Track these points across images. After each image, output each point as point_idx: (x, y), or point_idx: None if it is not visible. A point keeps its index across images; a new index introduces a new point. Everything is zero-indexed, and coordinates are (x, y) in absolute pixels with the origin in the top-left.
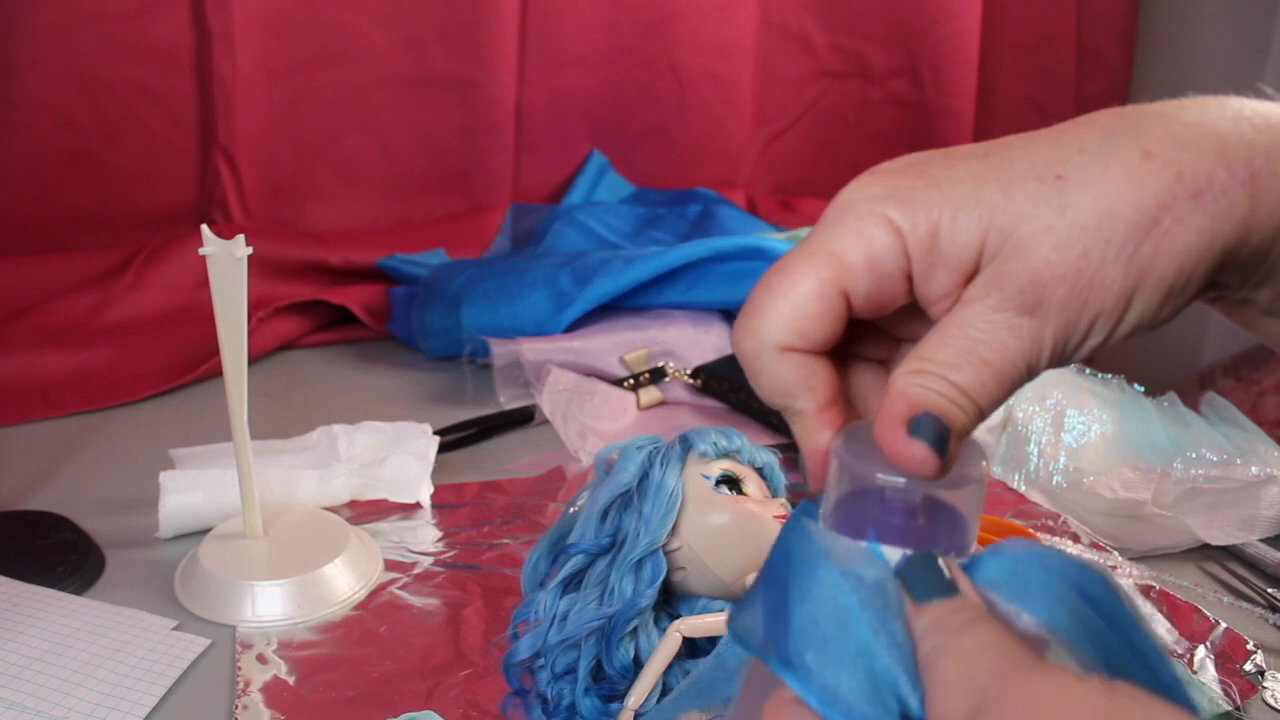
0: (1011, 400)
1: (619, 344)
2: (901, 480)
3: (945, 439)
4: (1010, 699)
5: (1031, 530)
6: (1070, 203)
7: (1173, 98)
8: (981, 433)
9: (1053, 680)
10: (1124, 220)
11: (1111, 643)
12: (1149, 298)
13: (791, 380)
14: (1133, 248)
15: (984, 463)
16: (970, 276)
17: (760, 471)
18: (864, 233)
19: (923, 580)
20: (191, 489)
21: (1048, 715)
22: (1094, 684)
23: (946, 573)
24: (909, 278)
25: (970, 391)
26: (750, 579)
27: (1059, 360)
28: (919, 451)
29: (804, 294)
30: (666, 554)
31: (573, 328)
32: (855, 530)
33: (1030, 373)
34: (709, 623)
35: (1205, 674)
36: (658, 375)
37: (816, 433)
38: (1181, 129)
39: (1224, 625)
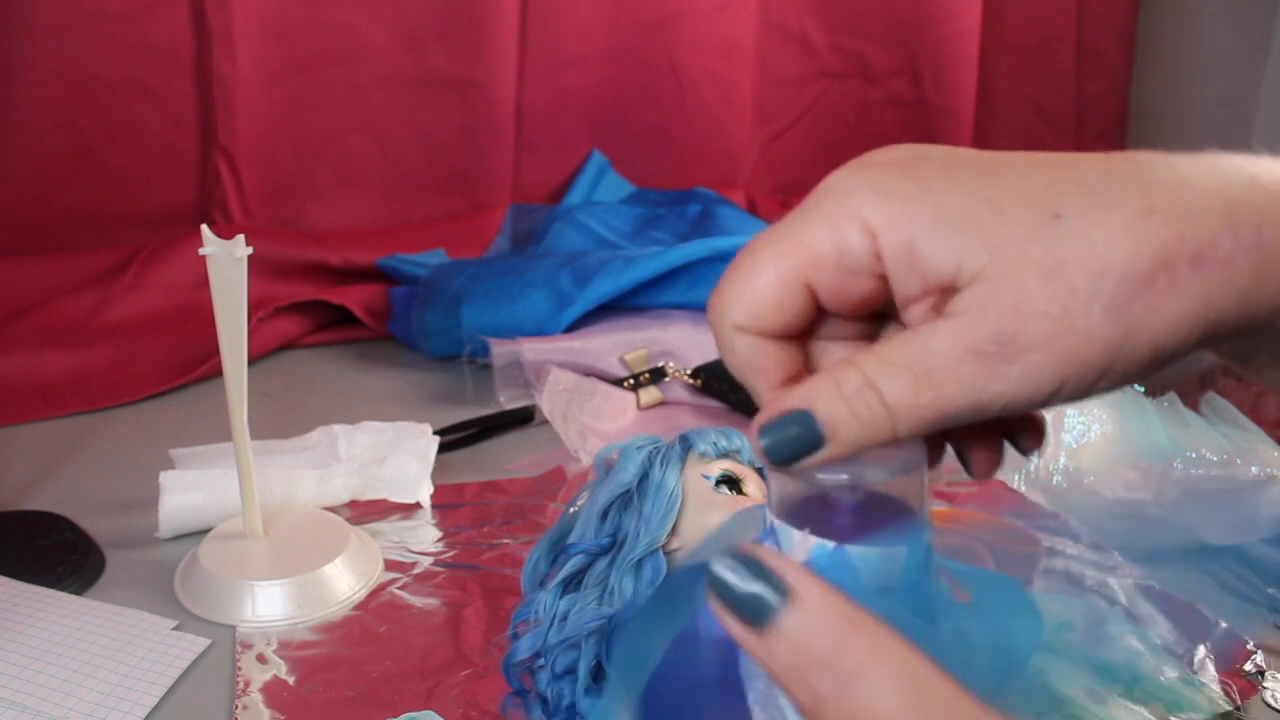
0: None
1: (619, 344)
2: (844, 477)
3: (804, 448)
4: None
5: (1031, 530)
6: (1063, 244)
7: (1173, 98)
8: None
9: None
10: (1117, 273)
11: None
12: (1133, 356)
13: (745, 359)
14: (1124, 303)
15: (922, 450)
16: (944, 291)
17: (760, 472)
18: (836, 225)
19: (745, 599)
20: (191, 489)
21: None
22: None
23: (773, 570)
24: (882, 279)
25: (892, 404)
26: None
27: (1016, 407)
28: (759, 446)
29: (764, 282)
30: (666, 554)
31: (573, 328)
32: (800, 524)
33: (972, 412)
34: None
35: (1205, 674)
36: (658, 375)
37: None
38: (1189, 189)
39: (1224, 625)
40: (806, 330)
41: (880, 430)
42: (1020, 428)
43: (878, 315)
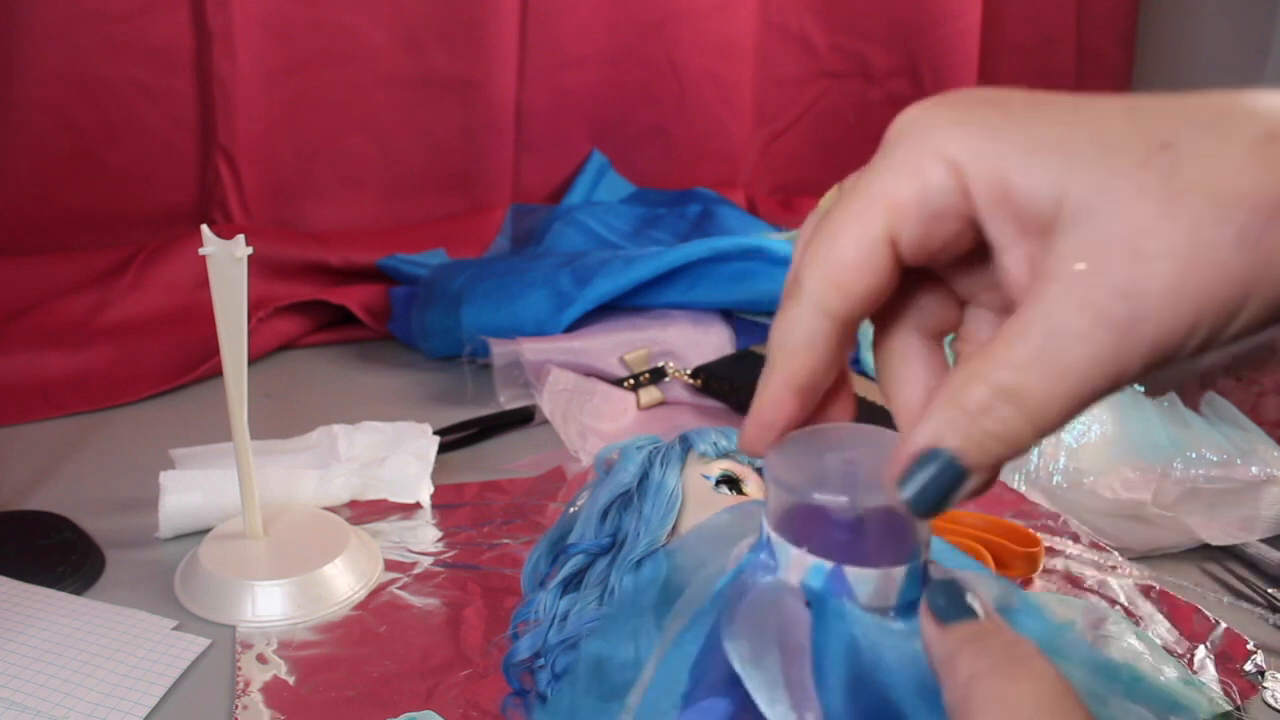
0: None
1: (619, 344)
2: (843, 499)
3: (949, 488)
4: None
5: (1031, 530)
6: (1180, 171)
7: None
8: None
9: None
10: (1246, 200)
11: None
12: (1267, 295)
13: (796, 338)
14: (1256, 233)
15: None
16: (1049, 230)
17: (760, 471)
18: (915, 168)
19: (947, 603)
20: (191, 489)
21: None
22: None
23: (970, 599)
24: (969, 221)
25: (1033, 403)
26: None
27: (1151, 368)
28: (903, 504)
29: (845, 243)
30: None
31: (573, 328)
32: (798, 539)
33: (1115, 381)
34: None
35: (1205, 674)
36: (658, 375)
37: (761, 406)
38: None
39: (1224, 625)
40: (895, 314)
41: (1023, 439)
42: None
43: (963, 278)
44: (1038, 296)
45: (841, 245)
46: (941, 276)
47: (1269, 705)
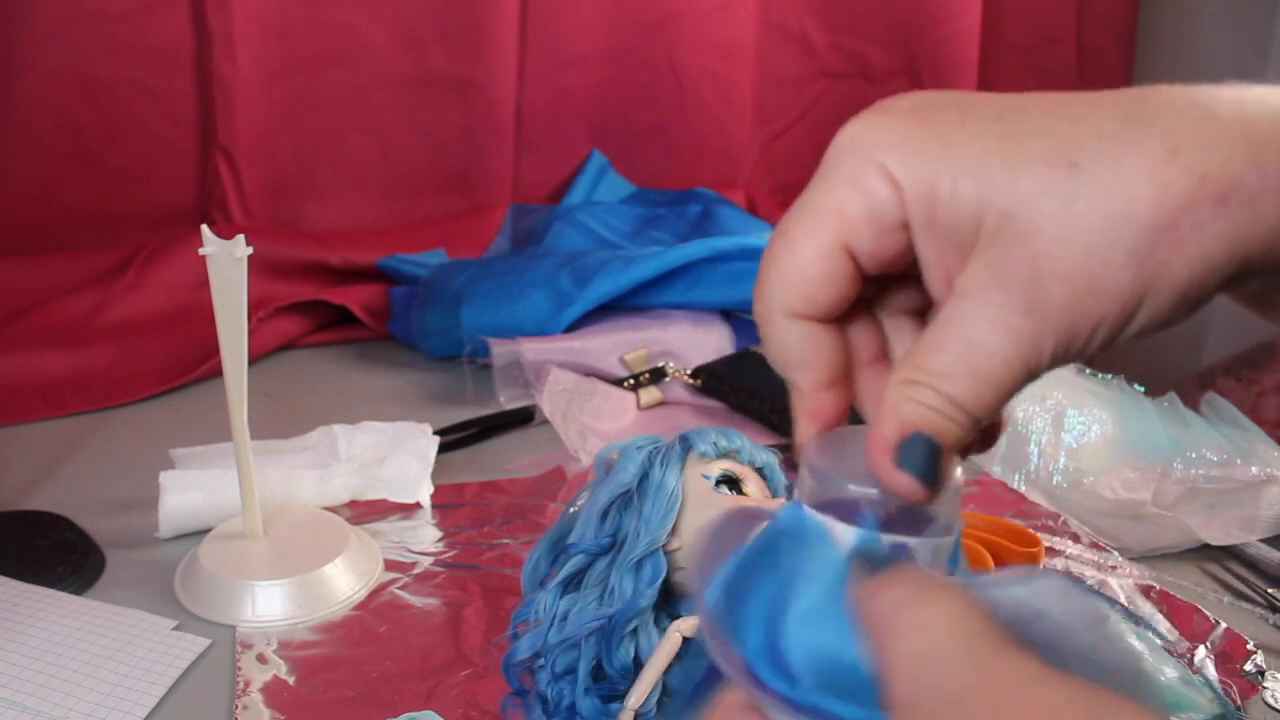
0: (1012, 401)
1: (619, 344)
2: (874, 491)
3: (936, 460)
4: (986, 690)
5: (1031, 530)
6: (1080, 194)
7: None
8: None
9: (1028, 675)
10: (1138, 222)
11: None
12: (1158, 304)
13: (792, 351)
14: (1144, 251)
15: (958, 470)
16: (965, 249)
17: (760, 471)
18: (861, 184)
19: (870, 557)
20: (191, 489)
21: (1029, 713)
22: (1069, 684)
23: (890, 551)
24: (908, 230)
25: (964, 404)
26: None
27: (1061, 362)
28: (905, 482)
29: (805, 257)
30: (666, 554)
31: (573, 328)
32: None
33: (1029, 377)
34: None
35: (1205, 674)
36: (658, 375)
37: (804, 417)
38: (1213, 125)
39: (1224, 625)
40: (847, 315)
41: (970, 428)
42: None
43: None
44: (953, 311)
45: (801, 259)
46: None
47: (1269, 705)
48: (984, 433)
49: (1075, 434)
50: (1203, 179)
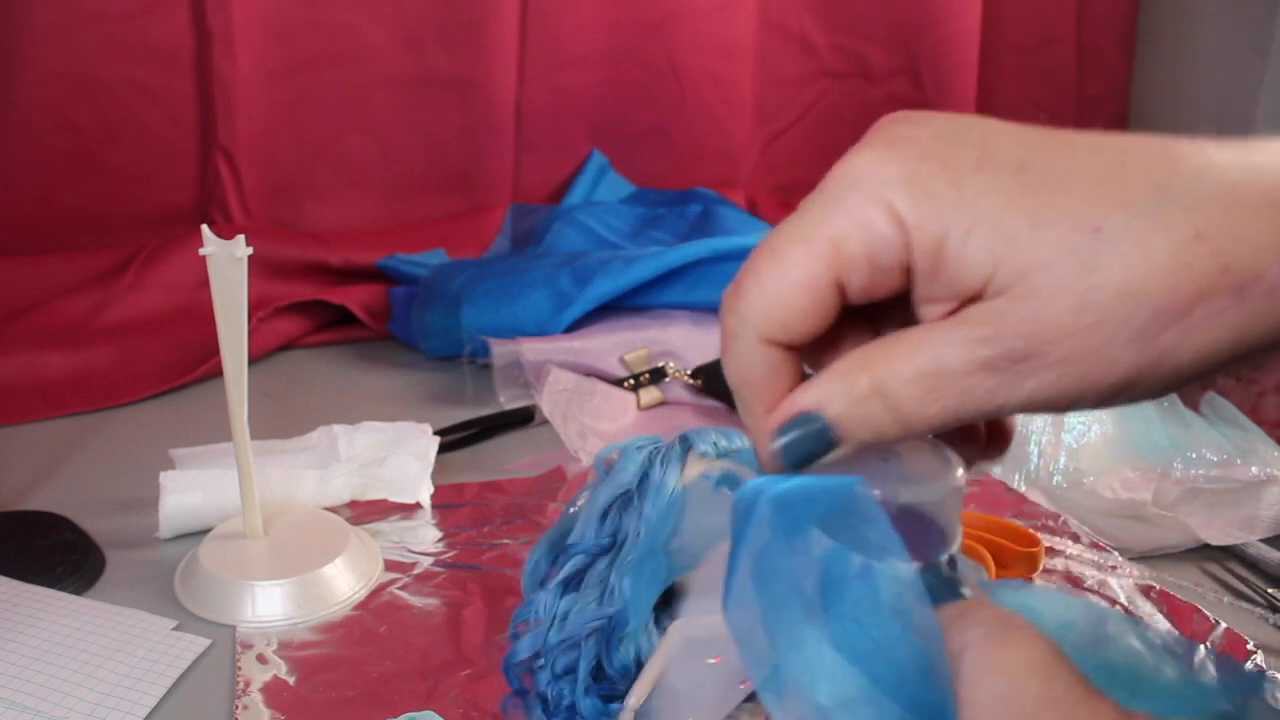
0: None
1: (619, 344)
2: (876, 493)
3: (818, 449)
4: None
5: (1031, 530)
6: (1100, 264)
7: (1173, 98)
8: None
9: (1109, 716)
10: (1153, 302)
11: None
12: (1153, 383)
13: (755, 374)
14: (1154, 332)
15: (959, 471)
16: (969, 299)
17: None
18: (865, 221)
19: (934, 585)
20: (191, 489)
21: None
22: None
23: (960, 586)
24: (907, 271)
25: (902, 407)
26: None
27: (1025, 411)
28: (771, 455)
29: (792, 286)
30: (667, 554)
31: (573, 328)
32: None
33: (978, 414)
34: (710, 623)
35: (1205, 674)
36: (658, 375)
37: (763, 434)
38: (1241, 210)
39: (1224, 625)
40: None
41: (890, 433)
42: (989, 435)
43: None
44: (941, 328)
45: (788, 286)
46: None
47: (1269, 705)
48: (990, 443)
49: (1075, 434)
50: (1225, 269)
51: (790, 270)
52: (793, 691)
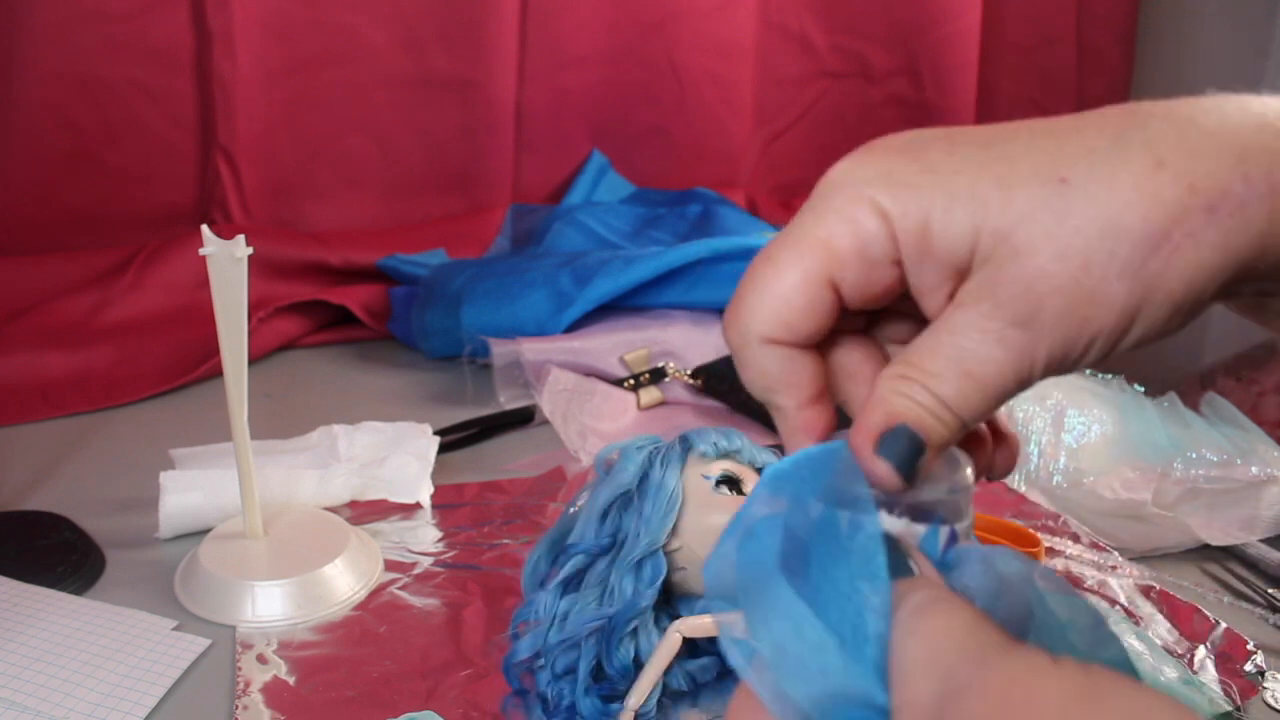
0: (1012, 401)
1: (619, 344)
2: (881, 494)
3: (916, 454)
4: (981, 683)
5: (1031, 530)
6: (1073, 210)
7: (1176, 97)
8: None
9: (1026, 662)
10: (1131, 233)
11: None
12: (1154, 315)
13: (773, 375)
14: (1139, 263)
15: (968, 470)
16: (962, 273)
17: (760, 472)
18: (851, 218)
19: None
20: (191, 489)
21: (1022, 698)
22: (1068, 665)
23: (907, 558)
24: (898, 265)
25: (953, 405)
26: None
27: (1055, 373)
28: (884, 469)
29: (789, 286)
30: (666, 554)
31: (573, 328)
32: None
33: (1021, 386)
34: (709, 623)
35: (1205, 674)
36: (658, 375)
37: (797, 434)
38: (1197, 135)
39: (1224, 625)
40: (824, 339)
41: (957, 429)
42: (994, 447)
43: (886, 311)
44: (948, 318)
45: (784, 287)
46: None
47: (1269, 705)
48: (999, 457)
49: (1075, 434)
50: (1191, 189)
51: (785, 273)
52: (765, 654)
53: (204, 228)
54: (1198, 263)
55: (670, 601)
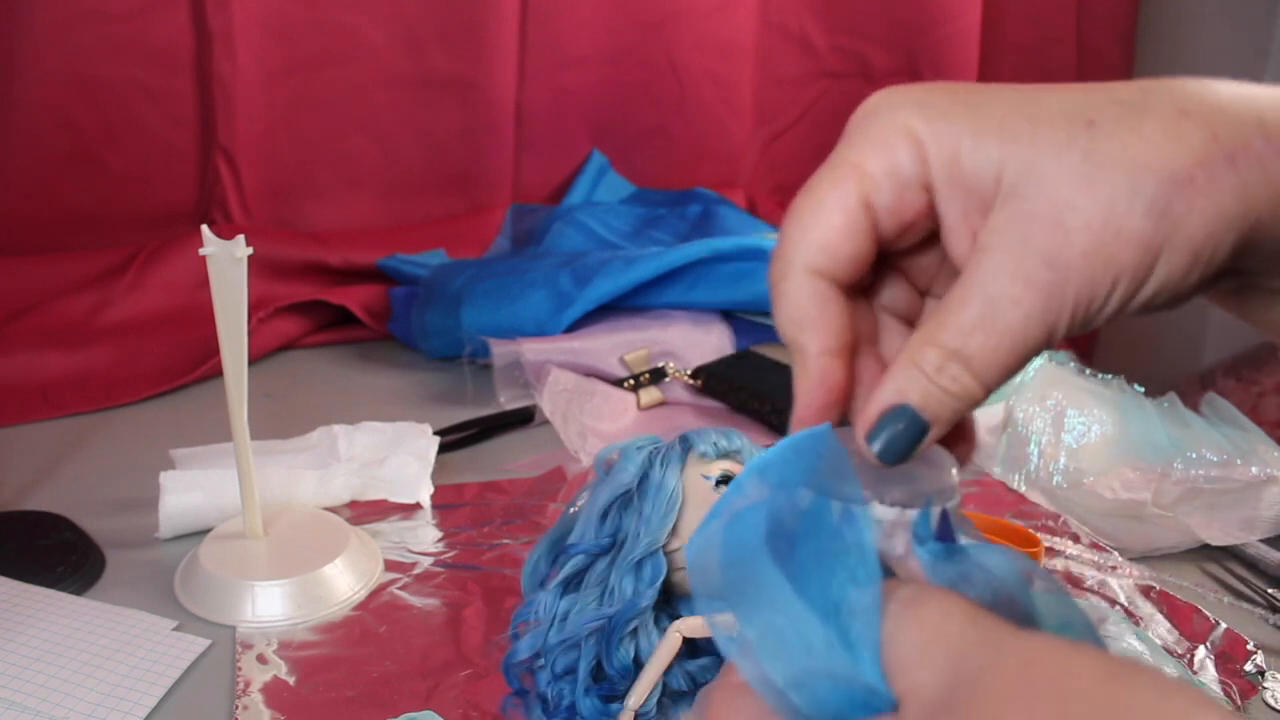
0: (1011, 401)
1: (619, 344)
2: (866, 493)
3: (916, 436)
4: (998, 666)
5: (1031, 530)
6: (1099, 147)
7: None
8: (981, 433)
9: (1044, 643)
10: (1156, 173)
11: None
12: (1175, 260)
13: (805, 309)
14: (1164, 203)
15: (954, 469)
16: (988, 205)
17: None
18: (883, 141)
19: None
20: (191, 489)
21: (1046, 678)
22: (1088, 648)
23: (888, 566)
24: (929, 191)
25: (979, 363)
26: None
27: (1079, 325)
28: (878, 446)
29: (828, 210)
30: (666, 554)
31: (573, 328)
32: None
33: (1049, 337)
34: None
35: (1205, 674)
36: (658, 375)
37: (812, 380)
38: (1219, 95)
39: (1224, 625)
40: (862, 289)
41: (973, 396)
42: (951, 441)
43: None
44: (976, 267)
45: (827, 211)
46: (905, 270)
47: (1269, 705)
48: (961, 451)
49: (1075, 434)
50: (1214, 136)
51: (824, 199)
52: (749, 635)
53: (204, 228)
54: (1218, 208)
55: (670, 601)
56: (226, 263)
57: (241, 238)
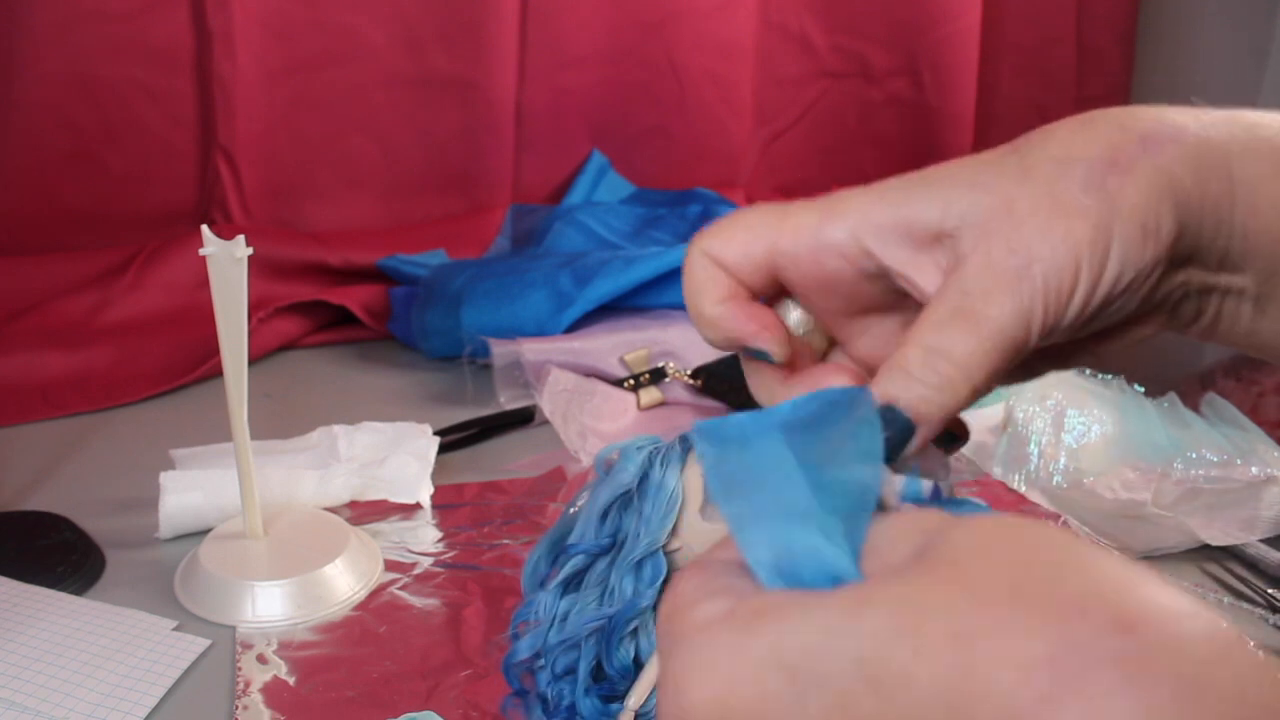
0: (1011, 401)
1: (619, 344)
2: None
3: (903, 436)
4: (964, 525)
5: None
6: (1028, 155)
7: (1173, 98)
8: (981, 433)
9: (1009, 518)
10: (1081, 159)
11: None
12: (1126, 231)
13: (699, 279)
14: (1098, 179)
15: (949, 471)
16: (938, 240)
17: None
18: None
19: None
20: (191, 489)
21: (1011, 529)
22: (1050, 525)
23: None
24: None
25: (959, 356)
26: None
27: (1054, 314)
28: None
29: (753, 224)
30: (666, 554)
31: (573, 328)
32: None
33: (1026, 328)
34: None
35: None
36: (658, 375)
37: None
38: (1116, 110)
39: None
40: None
41: (960, 390)
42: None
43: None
44: (952, 272)
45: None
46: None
47: None
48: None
49: (1075, 434)
50: (1121, 128)
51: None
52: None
53: (204, 228)
54: (1147, 179)
55: None
56: (226, 263)
57: (241, 238)
